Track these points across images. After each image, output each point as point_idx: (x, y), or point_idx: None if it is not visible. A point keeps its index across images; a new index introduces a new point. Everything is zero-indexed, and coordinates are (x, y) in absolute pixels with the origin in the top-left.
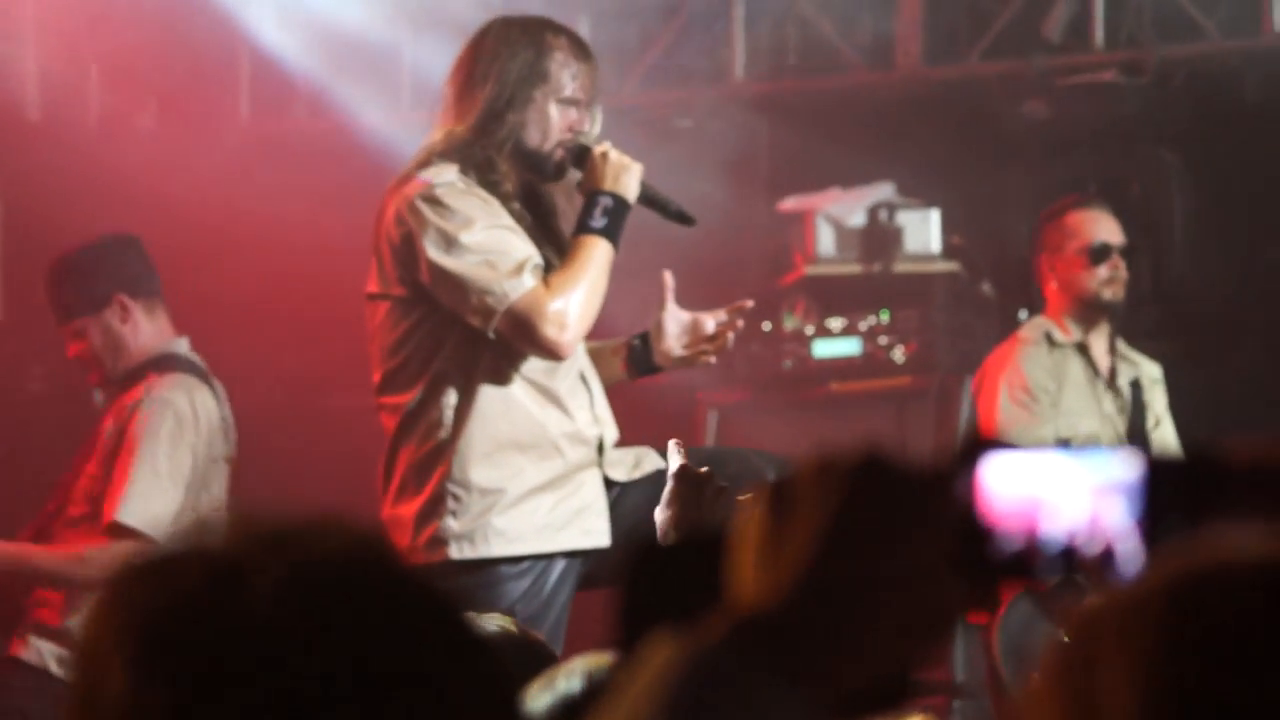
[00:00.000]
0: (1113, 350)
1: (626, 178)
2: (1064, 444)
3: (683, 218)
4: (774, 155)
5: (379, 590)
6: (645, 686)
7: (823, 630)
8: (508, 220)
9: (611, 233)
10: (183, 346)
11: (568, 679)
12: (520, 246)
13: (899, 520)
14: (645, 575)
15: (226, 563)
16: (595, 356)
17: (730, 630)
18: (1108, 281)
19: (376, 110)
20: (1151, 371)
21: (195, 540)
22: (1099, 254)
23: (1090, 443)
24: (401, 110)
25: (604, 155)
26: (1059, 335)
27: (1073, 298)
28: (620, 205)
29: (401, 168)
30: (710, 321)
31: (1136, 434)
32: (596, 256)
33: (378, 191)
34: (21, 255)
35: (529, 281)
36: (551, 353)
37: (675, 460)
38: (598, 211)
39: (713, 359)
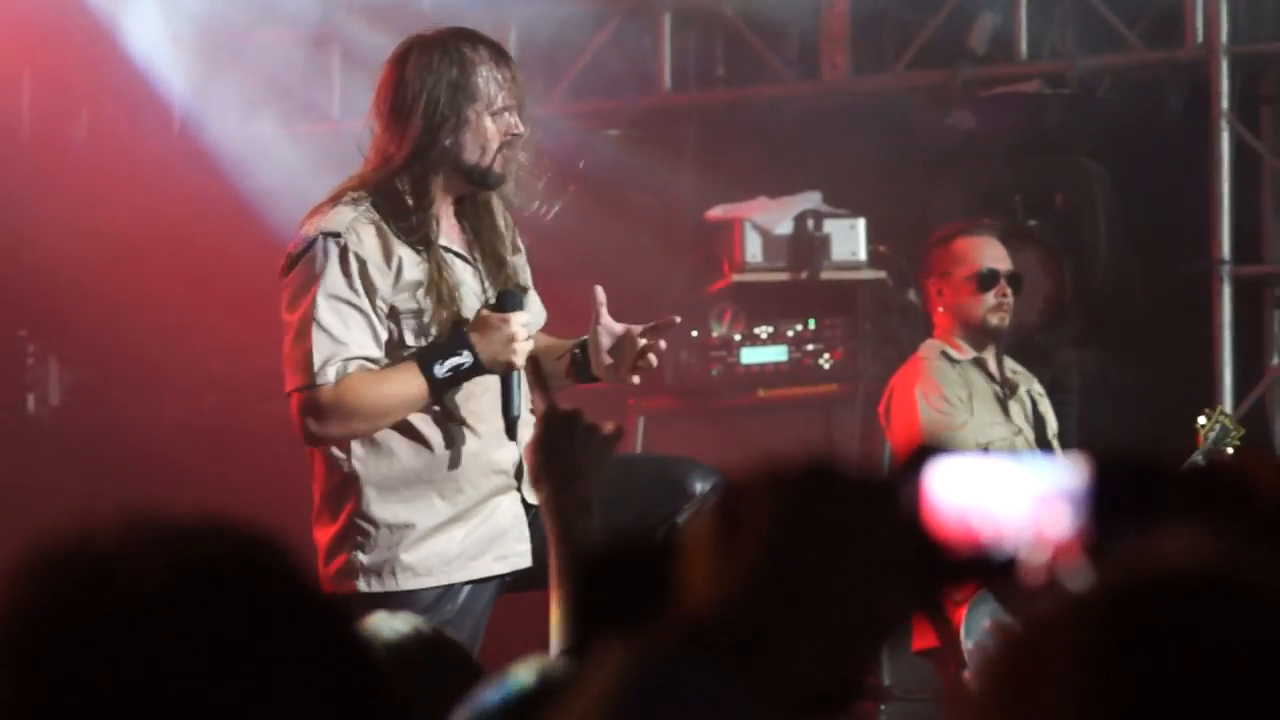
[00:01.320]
0: (1001, 368)
1: (507, 357)
2: (983, 451)
3: (510, 429)
4: (701, 164)
5: (261, 591)
6: (598, 691)
7: (770, 636)
8: (401, 255)
9: (444, 386)
10: None
11: (520, 676)
12: (354, 331)
13: (845, 528)
14: (596, 581)
15: (107, 559)
16: (543, 354)
17: (680, 636)
18: (995, 308)
19: (308, 122)
20: (1037, 386)
21: (81, 538)
22: (987, 281)
23: (1006, 450)
24: (331, 121)
25: (503, 322)
26: (954, 353)
27: (960, 322)
28: (475, 370)
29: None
30: (633, 336)
31: (1042, 442)
32: (410, 392)
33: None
34: None
35: (330, 375)
36: (310, 441)
37: (539, 401)
38: (451, 361)
39: (635, 379)
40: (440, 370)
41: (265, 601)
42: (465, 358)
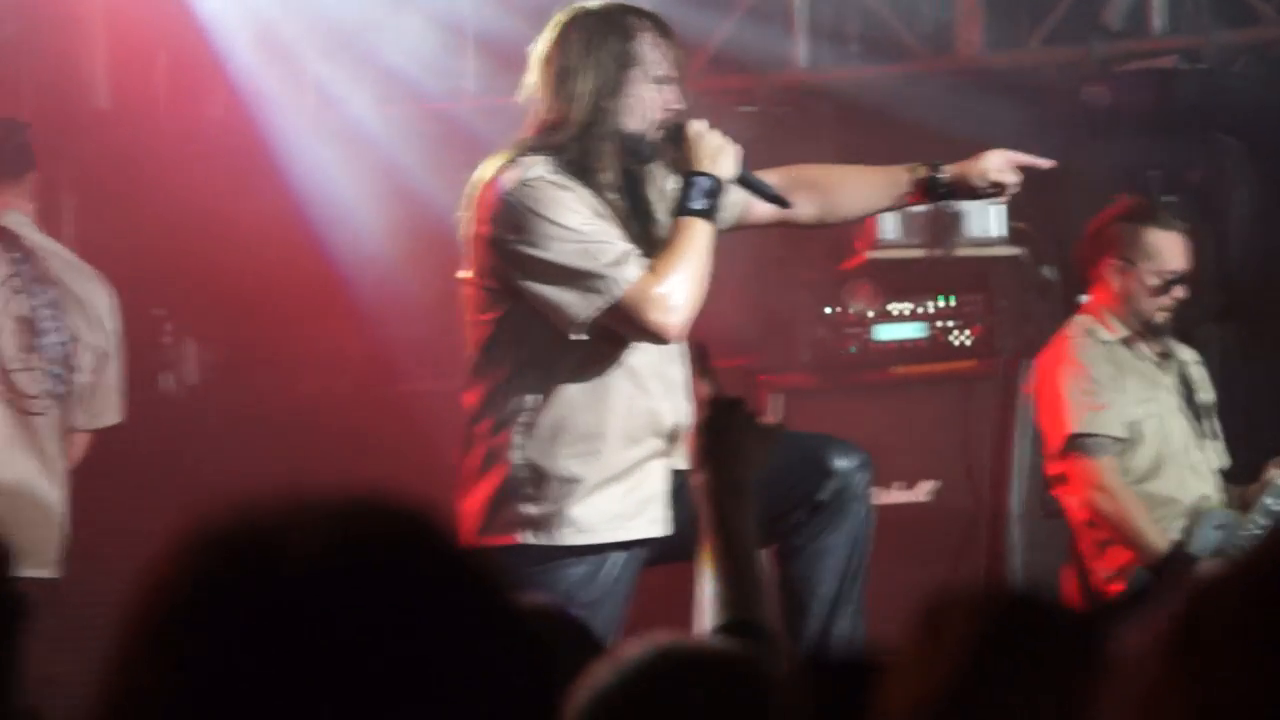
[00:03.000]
0: (1158, 342)
1: (723, 158)
2: (1133, 428)
3: (778, 200)
4: (837, 141)
5: (420, 565)
6: None
7: None
8: (603, 212)
9: (711, 214)
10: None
11: (641, 655)
12: (618, 236)
13: (1044, 660)
14: (806, 688)
15: (265, 537)
16: (860, 182)
17: None
18: (1167, 307)
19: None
20: (1190, 354)
21: (238, 516)
22: (1171, 285)
23: (1156, 426)
24: (468, 95)
25: (700, 135)
26: (1103, 333)
27: (1126, 307)
28: (717, 186)
29: (463, 152)
30: (1011, 165)
31: (1198, 412)
32: (698, 238)
33: (442, 176)
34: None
35: (635, 270)
36: (659, 337)
37: (702, 387)
38: (696, 192)
39: (1002, 202)
40: (696, 204)
41: (427, 573)
42: (700, 181)
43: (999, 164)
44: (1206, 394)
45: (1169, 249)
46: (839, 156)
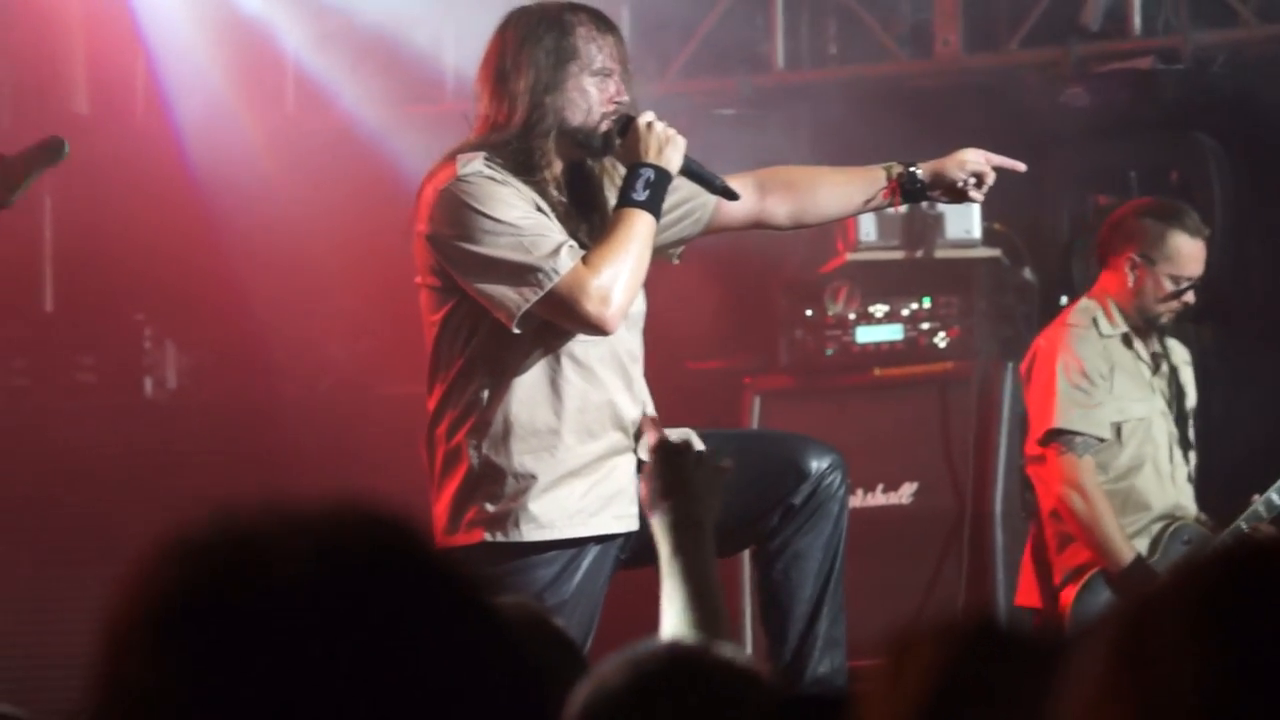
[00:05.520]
0: (1152, 341)
1: (670, 150)
2: (1117, 429)
3: (726, 192)
4: (815, 143)
5: (402, 573)
6: None
7: None
8: (544, 207)
9: (653, 205)
10: None
11: (649, 656)
12: (554, 229)
13: (1009, 690)
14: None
15: (251, 545)
16: (835, 182)
17: None
18: (1175, 310)
19: (419, 102)
20: (1183, 354)
21: (222, 523)
22: (1185, 290)
23: (1143, 427)
24: (445, 101)
25: (648, 126)
26: (1106, 325)
27: (1133, 302)
28: (662, 177)
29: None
30: (986, 164)
31: (1183, 417)
32: (638, 229)
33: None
34: (70, 247)
35: (568, 261)
36: (597, 329)
37: (651, 434)
38: (639, 184)
39: (979, 198)
40: (638, 195)
41: (407, 580)
42: (644, 172)
43: (974, 159)
44: (1192, 398)
45: (1190, 254)
46: (816, 158)
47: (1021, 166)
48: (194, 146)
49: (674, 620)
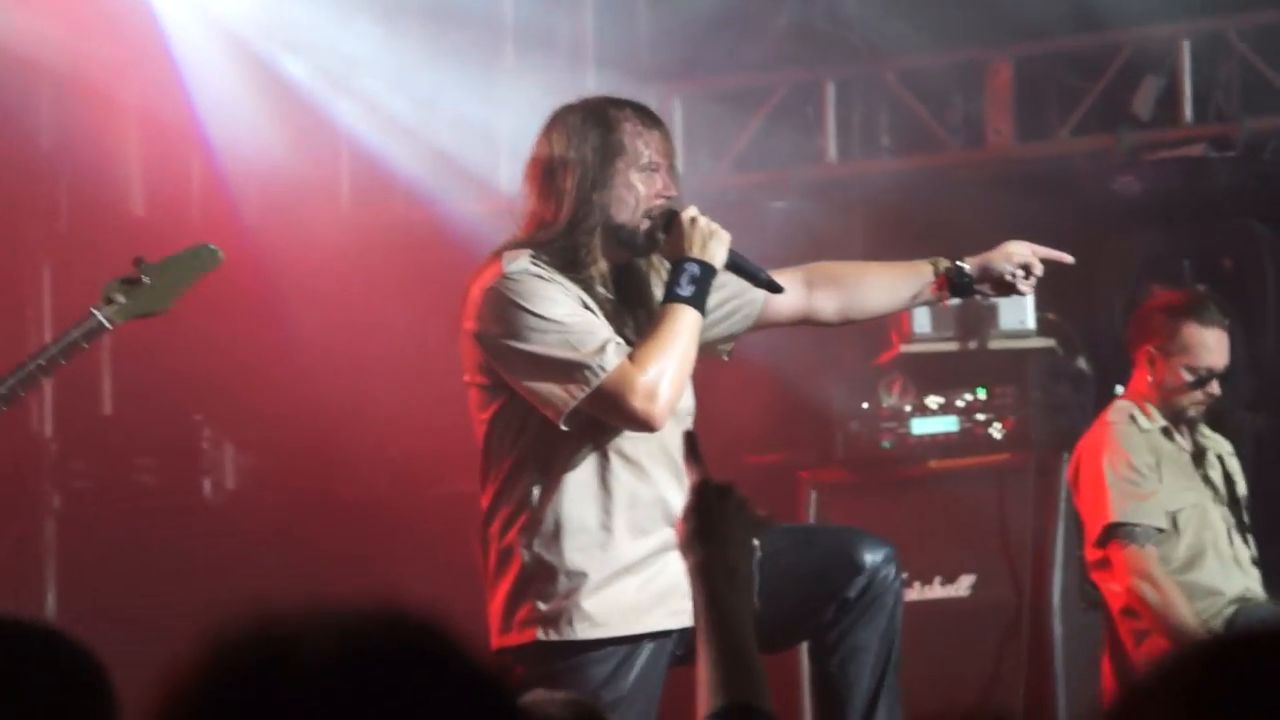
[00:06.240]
0: (1192, 433)
1: (714, 244)
2: (1173, 518)
3: (772, 286)
4: (867, 235)
5: (428, 673)
6: None
7: None
8: (591, 304)
9: (698, 300)
10: None
11: None
12: (600, 326)
13: None
14: None
15: (283, 641)
16: (883, 277)
17: None
18: (1199, 402)
19: (474, 199)
20: (1225, 445)
21: (259, 621)
22: (1204, 381)
23: (1197, 516)
24: (499, 197)
25: (692, 221)
26: (1144, 421)
27: (1160, 396)
28: (707, 273)
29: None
30: (1035, 257)
31: (1235, 502)
32: (684, 325)
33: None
34: (127, 350)
35: (614, 358)
36: (644, 425)
37: (691, 473)
38: (684, 279)
39: (1028, 290)
40: (683, 291)
41: (437, 682)
42: (689, 267)
43: (1021, 251)
44: (1242, 485)
45: (1205, 345)
46: (868, 250)
47: (1069, 259)
48: (250, 246)
49: (710, 673)
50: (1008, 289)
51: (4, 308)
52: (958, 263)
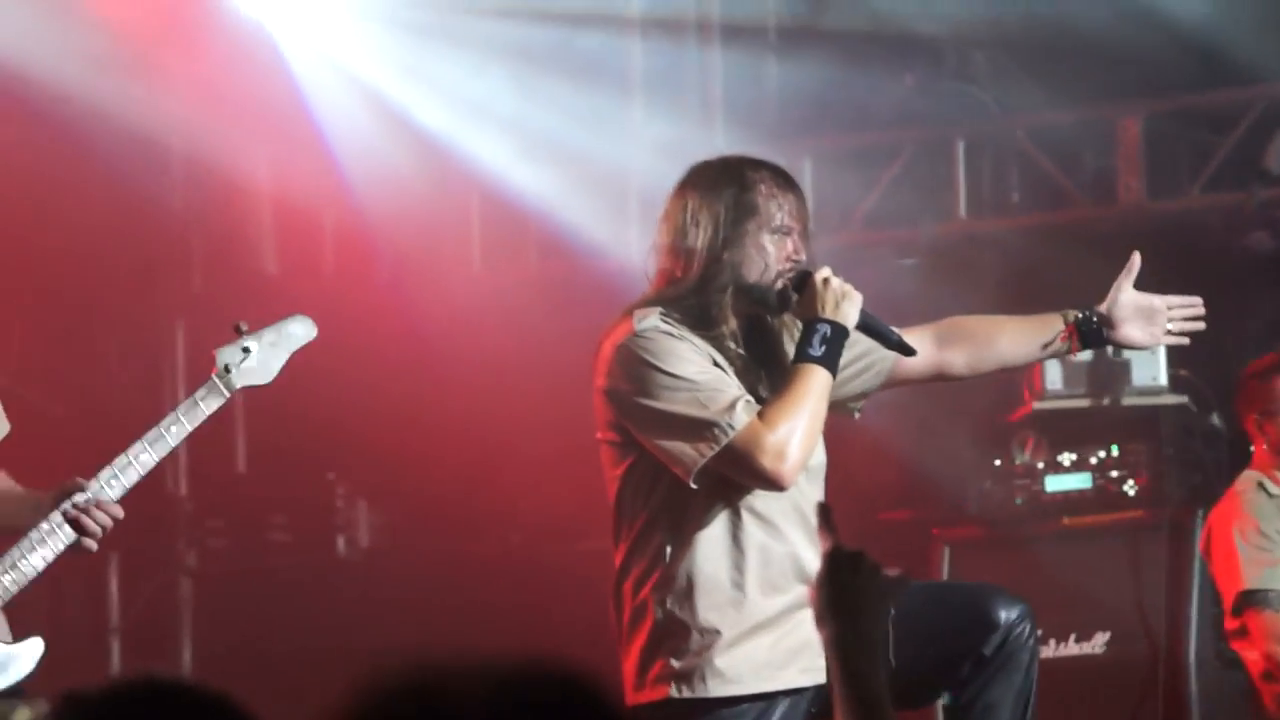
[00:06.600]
0: None
1: (846, 305)
2: None
3: (903, 348)
4: (998, 291)
5: None
6: None
7: None
8: (722, 362)
9: (829, 360)
10: None
11: None
12: (730, 384)
13: None
14: None
15: (440, 693)
16: (1013, 330)
17: None
18: None
19: (604, 255)
20: None
21: (413, 671)
22: None
23: None
24: (629, 254)
25: (825, 282)
26: (1272, 487)
27: (1276, 463)
28: (839, 333)
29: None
30: (1162, 304)
31: None
32: (814, 384)
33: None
34: (260, 407)
35: (744, 416)
36: (773, 484)
37: (824, 540)
38: (816, 339)
39: (1177, 339)
40: (814, 351)
41: None
42: (821, 328)
43: (1151, 300)
44: None
45: None
46: (998, 307)
47: (1197, 300)
48: (383, 303)
49: None
50: (1139, 339)
51: (140, 365)
52: (1087, 313)
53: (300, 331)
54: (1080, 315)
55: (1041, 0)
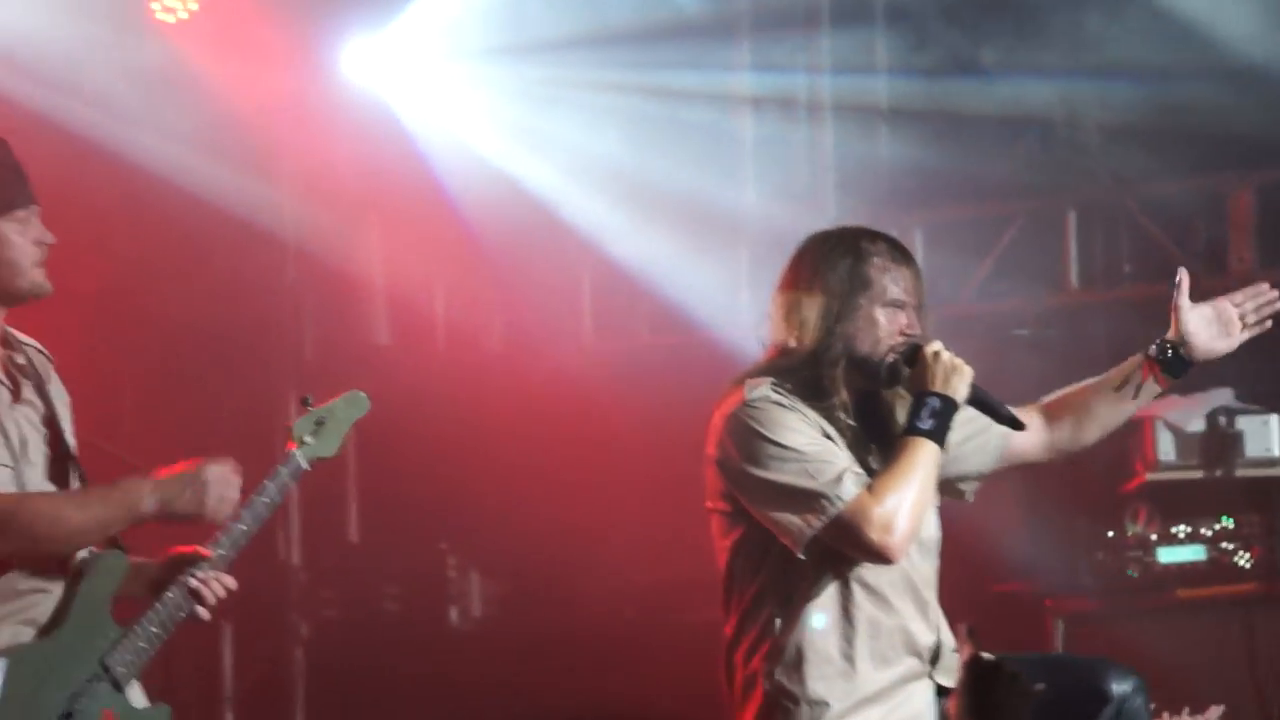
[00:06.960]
0: None
1: (956, 379)
2: None
3: (1013, 423)
4: (1112, 360)
5: None
6: None
7: None
8: (828, 431)
9: (938, 434)
10: None
11: None
12: (840, 456)
13: None
14: None
15: None
16: (1102, 388)
17: None
18: None
19: (715, 325)
20: None
21: None
22: None
23: None
24: (741, 323)
25: (935, 355)
26: None
27: None
28: (948, 407)
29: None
30: (1228, 305)
31: None
32: (923, 458)
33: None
34: (373, 477)
35: (852, 488)
36: (881, 556)
37: (964, 650)
38: (925, 413)
39: (1259, 328)
40: (923, 424)
41: None
42: (930, 401)
43: (1216, 305)
44: None
45: None
46: None
47: (1262, 286)
48: (494, 374)
49: None
50: (1216, 346)
51: (253, 434)
52: (1159, 341)
53: (357, 405)
54: (1154, 347)
55: (1152, 72)
